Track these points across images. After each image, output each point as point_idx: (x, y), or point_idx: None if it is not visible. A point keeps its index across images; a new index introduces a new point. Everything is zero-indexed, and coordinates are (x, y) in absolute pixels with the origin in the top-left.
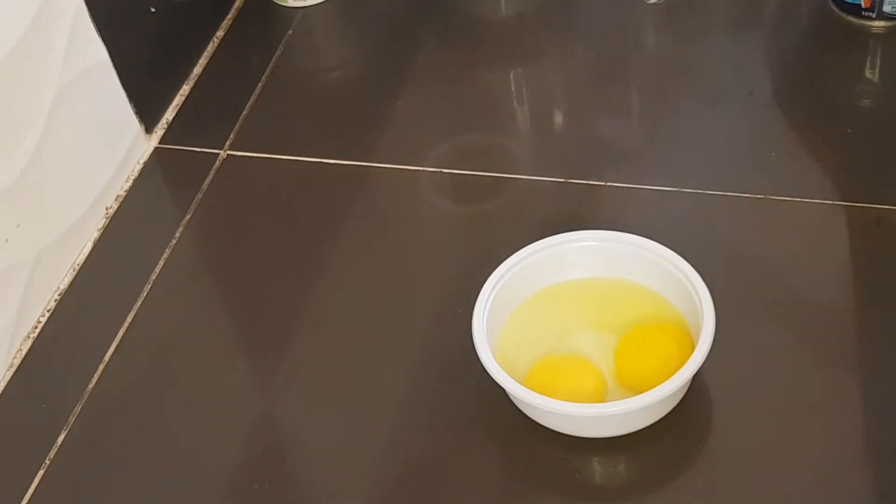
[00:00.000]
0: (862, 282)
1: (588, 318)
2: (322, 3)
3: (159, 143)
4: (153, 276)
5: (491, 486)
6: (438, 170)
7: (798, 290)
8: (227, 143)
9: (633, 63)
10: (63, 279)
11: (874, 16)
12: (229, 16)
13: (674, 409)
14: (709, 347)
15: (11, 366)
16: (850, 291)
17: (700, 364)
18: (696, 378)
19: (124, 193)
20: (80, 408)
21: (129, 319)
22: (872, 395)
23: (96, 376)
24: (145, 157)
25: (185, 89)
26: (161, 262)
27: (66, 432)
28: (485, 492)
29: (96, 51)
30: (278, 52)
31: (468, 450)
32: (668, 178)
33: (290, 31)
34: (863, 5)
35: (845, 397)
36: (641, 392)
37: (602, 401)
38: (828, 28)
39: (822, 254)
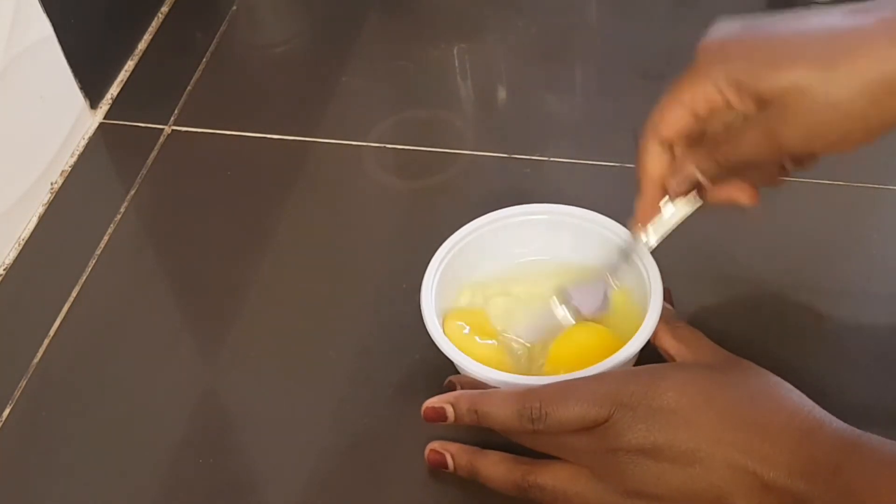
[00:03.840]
0: (810, 255)
1: (537, 293)
2: None
3: (104, 118)
4: (98, 251)
5: None
6: (382, 145)
7: (746, 264)
8: (172, 118)
9: (576, 39)
10: (8, 254)
11: None
12: None
13: None
14: (657, 320)
15: None
16: (795, 263)
17: (649, 334)
18: (647, 350)
19: (69, 168)
20: (24, 382)
21: (74, 294)
22: (816, 374)
23: (41, 350)
24: (90, 132)
25: (130, 65)
26: (106, 237)
27: (10, 406)
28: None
29: (41, 27)
30: (222, 28)
31: (412, 424)
32: (611, 154)
33: (234, 7)
34: None
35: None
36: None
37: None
38: (771, 3)
39: (770, 229)
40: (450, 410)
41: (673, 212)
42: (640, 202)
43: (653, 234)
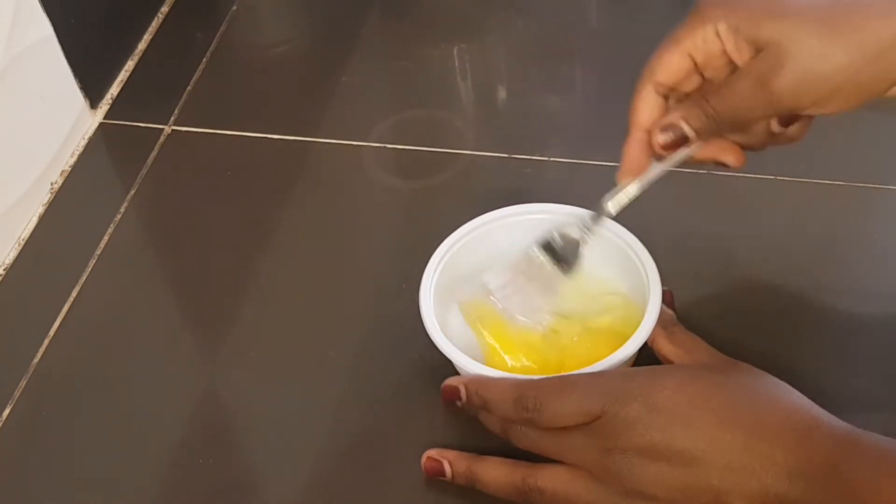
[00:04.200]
0: (808, 255)
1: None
2: None
3: (104, 118)
4: (98, 251)
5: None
6: (383, 145)
7: (745, 264)
8: (172, 118)
9: (577, 38)
10: (8, 254)
11: None
12: None
13: None
14: (654, 322)
15: None
16: (799, 266)
17: (643, 340)
18: (644, 352)
19: (69, 168)
20: (25, 382)
21: (74, 294)
22: (817, 380)
23: (41, 350)
24: (90, 132)
25: (130, 65)
26: (106, 237)
27: (10, 406)
28: None
29: (41, 27)
30: (223, 28)
31: (412, 423)
32: (611, 154)
33: (234, 7)
34: None
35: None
36: None
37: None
38: None
39: (769, 228)
40: (463, 391)
41: (656, 168)
42: (627, 150)
43: (631, 189)
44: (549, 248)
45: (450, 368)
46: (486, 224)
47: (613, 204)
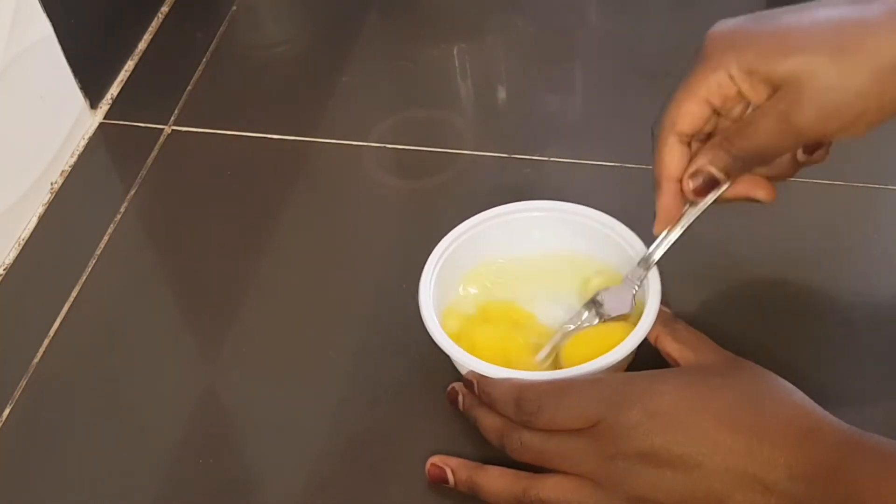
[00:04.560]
0: (809, 255)
1: (536, 291)
2: None
3: (104, 118)
4: (98, 251)
5: None
6: (382, 145)
7: (745, 264)
8: (172, 118)
9: (577, 39)
10: (8, 254)
11: None
12: None
13: None
14: (653, 320)
15: None
16: (799, 266)
17: (643, 337)
18: (643, 350)
19: (69, 168)
20: (25, 381)
21: (74, 294)
22: (817, 379)
23: (41, 350)
24: (90, 132)
25: (130, 65)
26: (106, 237)
27: (10, 406)
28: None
29: (41, 27)
30: (222, 28)
31: (412, 423)
32: (611, 154)
33: (234, 7)
34: None
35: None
36: None
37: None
38: (771, 5)
39: (770, 229)
40: (475, 385)
41: (692, 213)
42: (660, 202)
43: (671, 236)
44: (597, 307)
45: (450, 367)
46: (485, 221)
47: (659, 253)
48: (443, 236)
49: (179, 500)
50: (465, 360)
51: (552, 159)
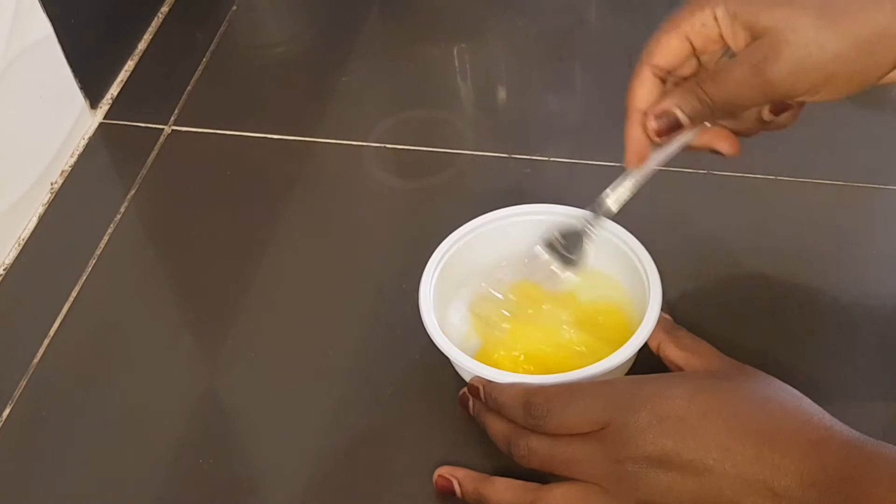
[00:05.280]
0: (808, 255)
1: (535, 293)
2: None
3: (104, 118)
4: (98, 251)
5: (434, 459)
6: (382, 145)
7: (745, 265)
8: (172, 118)
9: (576, 38)
10: (8, 254)
11: None
12: None
13: None
14: (655, 321)
15: None
16: (799, 266)
17: (645, 339)
18: (643, 353)
19: (69, 168)
20: (25, 382)
21: (74, 294)
22: (817, 380)
23: (41, 350)
24: (90, 132)
25: (130, 65)
26: (106, 237)
27: (10, 406)
28: (428, 465)
29: (41, 26)
30: (223, 28)
31: (412, 423)
32: (611, 154)
33: (234, 7)
34: None
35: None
36: None
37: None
38: None
39: (770, 229)
40: (482, 391)
41: (655, 158)
42: (627, 133)
43: (629, 184)
44: (552, 246)
45: (450, 368)
46: (486, 224)
47: (614, 201)
48: (443, 236)
49: (179, 500)
50: (464, 362)
51: (552, 159)
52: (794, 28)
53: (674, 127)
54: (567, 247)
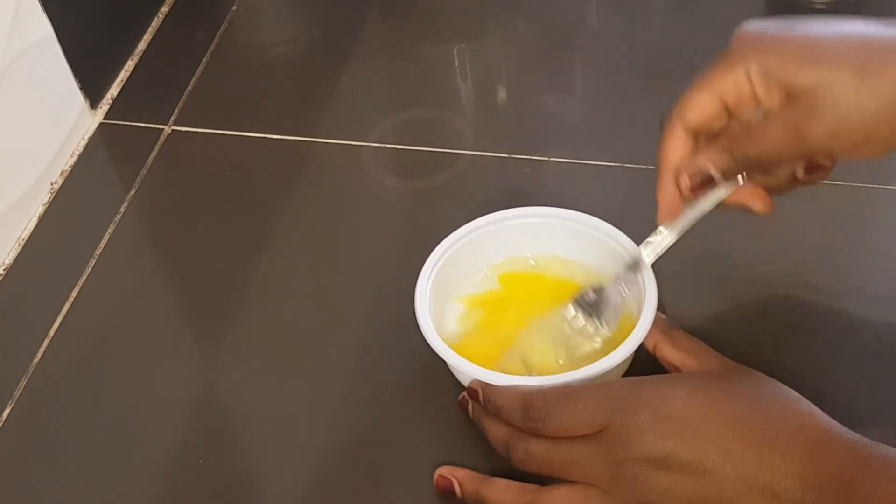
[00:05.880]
0: (808, 255)
1: (532, 296)
2: None
3: (104, 118)
4: (98, 251)
5: (434, 458)
6: (382, 145)
7: (744, 266)
8: (172, 118)
9: (577, 39)
10: (8, 254)
11: None
12: None
13: None
14: (650, 323)
15: None
16: (799, 267)
17: (642, 339)
18: (640, 353)
19: (69, 168)
20: (25, 382)
21: (74, 294)
22: (817, 382)
23: (41, 351)
24: (90, 132)
25: (130, 65)
26: (106, 237)
27: (10, 406)
28: (428, 464)
29: (41, 26)
30: (223, 28)
31: (411, 423)
32: (611, 154)
33: (234, 7)
34: None
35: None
36: None
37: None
38: (772, 4)
39: (768, 230)
40: (480, 394)
41: (689, 216)
42: (660, 192)
43: (665, 240)
44: (584, 305)
45: (448, 369)
46: (482, 227)
47: (649, 254)
48: (442, 236)
49: (179, 500)
50: (464, 368)
51: (552, 159)
52: (832, 88)
53: (707, 184)
54: (598, 306)
